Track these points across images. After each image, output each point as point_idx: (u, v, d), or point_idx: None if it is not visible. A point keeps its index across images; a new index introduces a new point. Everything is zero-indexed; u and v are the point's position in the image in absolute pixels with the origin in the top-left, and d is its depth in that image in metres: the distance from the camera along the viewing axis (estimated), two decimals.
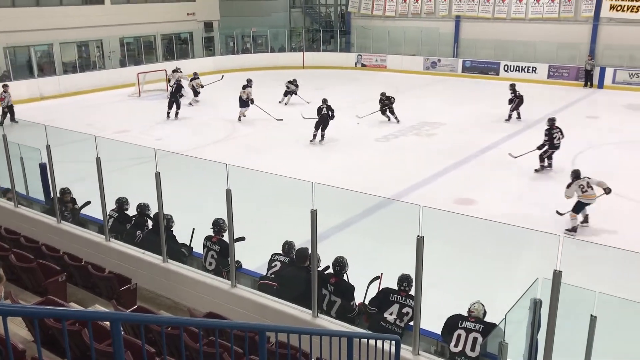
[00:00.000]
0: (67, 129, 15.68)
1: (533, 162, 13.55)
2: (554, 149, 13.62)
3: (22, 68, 24.70)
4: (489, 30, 28.74)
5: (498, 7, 28.74)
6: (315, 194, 5.41)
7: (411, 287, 6.06)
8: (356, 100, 22.61)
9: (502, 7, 28.64)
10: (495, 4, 28.79)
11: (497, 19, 28.82)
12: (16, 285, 5.46)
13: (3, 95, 19.00)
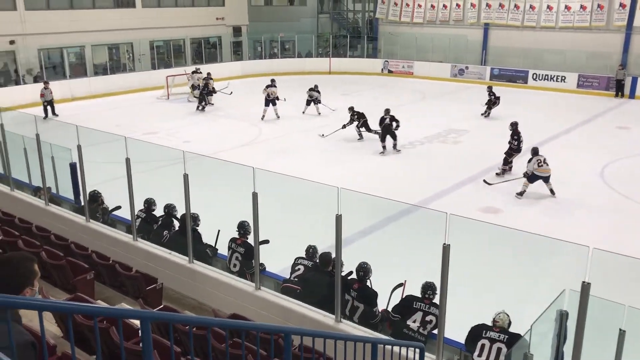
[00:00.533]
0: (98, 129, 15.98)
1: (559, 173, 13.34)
2: (518, 152, 13.97)
3: (54, 69, 25.26)
4: (518, 38, 28.49)
5: (528, 15, 28.46)
6: (340, 199, 5.42)
7: (435, 295, 6.03)
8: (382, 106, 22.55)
9: (532, 16, 28.36)
10: (525, 12, 28.52)
11: (526, 27, 28.54)
12: (46, 282, 5.58)
13: (44, 91, 20.10)
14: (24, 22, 23.51)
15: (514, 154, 14.00)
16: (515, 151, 13.97)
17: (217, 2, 31.34)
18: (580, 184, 13.26)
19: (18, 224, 7.07)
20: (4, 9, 23.15)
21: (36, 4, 24.09)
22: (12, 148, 10.02)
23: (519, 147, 13.96)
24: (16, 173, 9.98)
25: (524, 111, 20.03)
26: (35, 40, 23.79)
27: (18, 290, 2.48)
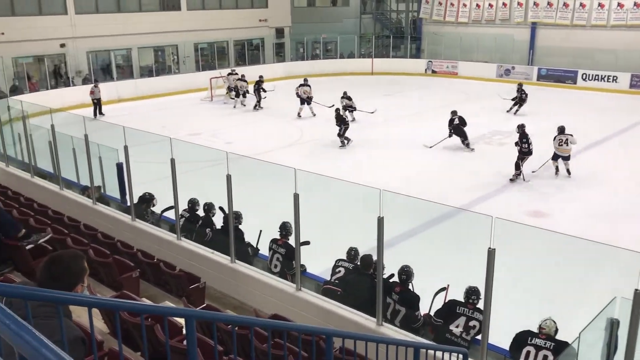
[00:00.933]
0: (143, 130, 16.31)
1: (611, 176, 12.93)
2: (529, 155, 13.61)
3: (102, 71, 25.96)
4: (567, 38, 27.76)
5: (577, 13, 27.71)
6: (382, 201, 5.37)
7: (479, 300, 5.91)
8: (426, 106, 22.36)
9: (582, 14, 27.59)
10: (574, 10, 27.77)
11: (576, 26, 27.79)
12: (94, 279, 5.71)
13: (93, 89, 21.01)
14: (74, 25, 24.23)
15: (525, 157, 13.59)
16: (527, 154, 13.57)
17: (261, 3, 31.62)
18: (633, 188, 12.80)
19: (67, 222, 7.26)
20: (56, 14, 23.93)
21: (86, 8, 24.80)
22: (61, 148, 10.32)
23: (529, 150, 13.56)
24: (65, 172, 10.28)
25: (574, 112, 19.49)
26: (85, 43, 24.50)
27: (70, 287, 2.54)
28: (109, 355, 3.29)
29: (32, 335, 1.22)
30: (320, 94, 22.26)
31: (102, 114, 21.11)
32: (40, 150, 11.34)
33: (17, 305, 2.23)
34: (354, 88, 26.95)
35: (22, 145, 11.64)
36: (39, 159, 11.52)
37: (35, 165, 11.07)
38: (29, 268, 5.00)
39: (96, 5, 25.25)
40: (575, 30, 27.76)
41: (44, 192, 9.82)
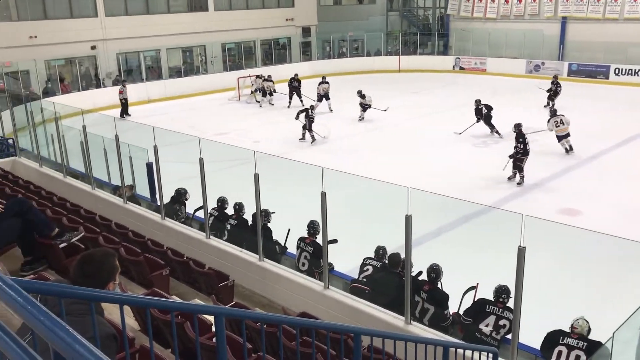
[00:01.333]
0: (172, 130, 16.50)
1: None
2: (526, 155, 13.12)
3: (132, 72, 26.35)
4: (598, 32, 27.17)
5: (610, 6, 27.11)
6: (410, 199, 5.34)
7: (509, 298, 5.84)
8: (454, 103, 22.14)
9: (614, 7, 26.99)
10: (606, 3, 27.18)
11: (608, 20, 27.20)
12: (125, 277, 5.80)
13: (122, 89, 21.39)
14: (104, 28, 24.64)
15: (524, 158, 13.13)
16: (523, 154, 13.10)
17: (287, 3, 31.70)
18: None
19: (99, 221, 7.38)
20: (86, 16, 24.37)
21: (115, 10, 25.20)
22: (93, 148, 10.51)
23: (525, 149, 13.09)
24: (96, 172, 10.46)
25: (607, 107, 19.09)
26: (115, 45, 24.90)
27: (102, 284, 2.59)
28: (140, 352, 3.34)
29: (66, 332, 1.25)
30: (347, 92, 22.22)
31: (128, 114, 21.37)
32: (72, 151, 11.56)
33: (51, 303, 2.28)
34: (381, 86, 26.92)
35: (55, 146, 11.88)
36: (71, 159, 11.75)
37: (68, 166, 11.29)
38: (62, 266, 5.10)
39: (125, 8, 25.63)
40: (607, 24, 27.17)
41: (76, 192, 10.01)
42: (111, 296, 2.15)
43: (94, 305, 2.14)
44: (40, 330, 1.29)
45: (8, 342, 1.33)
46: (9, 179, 9.41)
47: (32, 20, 22.88)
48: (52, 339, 1.26)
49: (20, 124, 12.97)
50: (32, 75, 22.66)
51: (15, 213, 5.10)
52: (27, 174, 11.19)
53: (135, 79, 25.68)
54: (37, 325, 1.29)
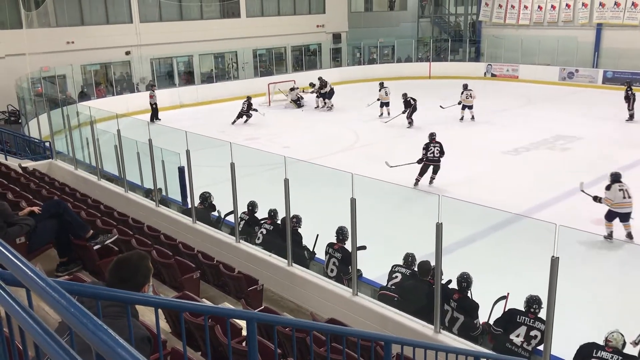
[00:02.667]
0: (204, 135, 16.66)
1: None
2: (429, 163, 13.31)
3: (165, 78, 26.76)
4: (635, 39, 26.59)
5: None
6: (440, 207, 5.30)
7: (540, 309, 5.75)
8: (485, 110, 21.92)
9: None
10: None
11: None
12: (156, 279, 5.88)
13: (152, 94, 21.83)
14: (138, 34, 25.09)
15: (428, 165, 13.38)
16: (432, 162, 13.32)
17: (318, 9, 31.83)
18: None
19: (132, 223, 7.50)
20: (122, 22, 24.87)
21: (150, 16, 25.65)
22: (126, 152, 10.70)
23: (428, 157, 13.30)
24: (130, 175, 10.64)
25: None
26: (149, 50, 25.33)
27: (138, 287, 2.64)
28: (172, 355, 3.38)
29: (108, 335, 1.28)
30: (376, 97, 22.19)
31: (158, 119, 21.63)
32: (107, 154, 11.79)
33: (88, 304, 2.33)
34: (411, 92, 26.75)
35: (89, 149, 12.13)
36: (105, 163, 11.98)
37: (102, 169, 11.51)
38: (96, 267, 5.20)
39: (160, 14, 26.06)
40: None
41: (110, 195, 10.20)
42: (147, 299, 2.18)
43: (129, 307, 2.18)
44: (82, 332, 1.32)
45: (49, 342, 1.37)
46: (45, 181, 9.64)
47: (70, 26, 23.44)
48: (94, 341, 1.29)
49: (57, 127, 13.29)
50: (68, 79, 23.20)
51: (52, 214, 5.23)
52: (62, 176, 11.45)
53: (168, 84, 26.07)
54: (79, 327, 1.33)
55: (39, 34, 22.16)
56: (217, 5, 28.25)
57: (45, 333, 1.41)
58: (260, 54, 29.18)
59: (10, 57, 21.16)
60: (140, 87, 25.20)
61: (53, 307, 1.39)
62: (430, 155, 13.33)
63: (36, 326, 1.42)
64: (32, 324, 1.43)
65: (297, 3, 31.05)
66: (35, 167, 11.57)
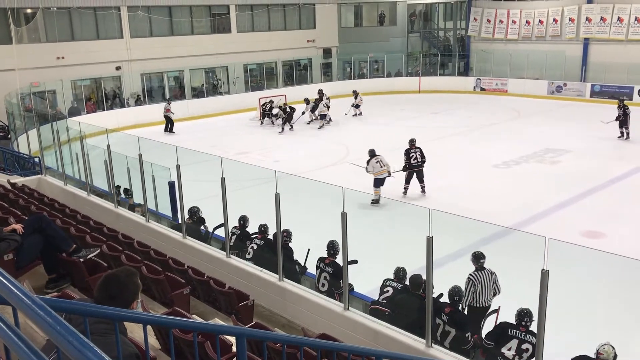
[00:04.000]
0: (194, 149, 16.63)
1: None
2: (412, 169, 13.61)
3: (155, 92, 26.77)
4: (621, 53, 26.95)
5: (633, 27, 26.92)
6: (431, 220, 5.31)
7: (532, 322, 5.76)
8: (475, 124, 22.08)
9: (638, 28, 26.79)
10: (629, 24, 26.99)
11: (631, 41, 26.98)
12: (146, 295, 5.83)
13: (168, 107, 22.60)
14: (129, 49, 25.13)
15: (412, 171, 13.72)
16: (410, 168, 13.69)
17: (309, 25, 32.04)
18: None
19: (121, 239, 7.45)
20: (112, 38, 24.90)
21: (140, 32, 25.69)
22: (116, 167, 10.66)
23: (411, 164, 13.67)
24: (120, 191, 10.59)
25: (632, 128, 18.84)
26: (139, 65, 25.36)
27: (127, 304, 2.62)
28: None
29: (93, 353, 1.27)
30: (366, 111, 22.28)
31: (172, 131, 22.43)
32: (96, 169, 11.73)
33: (75, 321, 2.31)
34: (401, 106, 26.95)
35: (79, 164, 12.08)
36: (95, 178, 11.92)
37: (92, 184, 11.45)
38: (86, 283, 5.15)
39: (150, 30, 26.12)
40: (631, 45, 26.95)
41: (99, 210, 10.14)
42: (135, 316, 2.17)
43: (117, 324, 2.16)
44: (68, 350, 1.31)
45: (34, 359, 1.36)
46: (34, 197, 9.57)
47: (60, 41, 23.44)
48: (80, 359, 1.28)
49: (46, 142, 13.23)
50: (58, 94, 23.15)
51: (35, 229, 5.18)
52: (52, 191, 11.36)
53: (157, 99, 26.07)
54: (65, 345, 1.31)
55: (28, 50, 22.16)
56: (208, 20, 28.35)
57: (31, 352, 1.39)
58: (251, 69, 29.28)
59: (0, 72, 21.09)
60: (130, 102, 25.18)
61: (39, 325, 1.38)
62: (413, 162, 13.57)
63: (22, 344, 1.41)
64: (18, 342, 1.42)
65: (288, 18, 31.25)
66: (24, 182, 11.48)
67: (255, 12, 29.55)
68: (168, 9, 26.53)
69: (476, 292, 7.10)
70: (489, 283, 7.14)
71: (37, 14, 22.83)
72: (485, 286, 7.12)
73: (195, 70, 27.69)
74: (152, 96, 26.32)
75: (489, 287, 7.14)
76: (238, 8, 28.48)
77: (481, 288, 7.11)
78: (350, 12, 35.46)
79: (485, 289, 7.12)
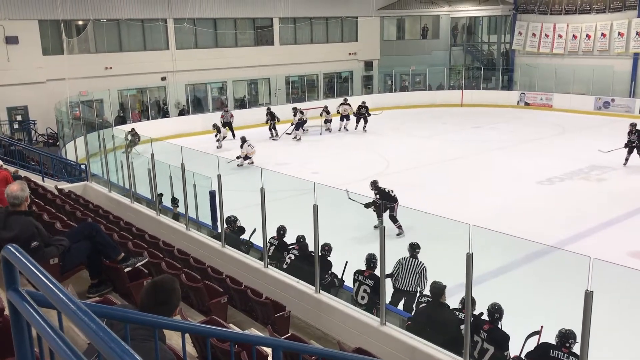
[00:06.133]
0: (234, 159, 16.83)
1: None
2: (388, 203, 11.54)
3: (198, 103, 27.27)
4: None
5: None
6: (472, 237, 5.23)
7: (575, 344, 5.58)
8: (518, 139, 21.70)
9: None
10: None
11: None
12: (184, 303, 5.91)
13: (224, 114, 23.34)
14: (174, 60, 25.71)
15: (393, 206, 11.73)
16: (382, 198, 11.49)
17: (351, 38, 32.18)
18: None
19: (162, 246, 7.58)
20: (159, 49, 25.54)
21: (185, 44, 26.30)
22: (159, 175, 10.88)
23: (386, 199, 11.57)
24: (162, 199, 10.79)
25: None
26: (184, 76, 25.92)
27: (174, 309, 2.67)
28: None
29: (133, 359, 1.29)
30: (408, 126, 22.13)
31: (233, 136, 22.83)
32: (140, 177, 12.00)
33: (117, 327, 2.36)
34: (443, 119, 26.74)
35: (124, 172, 12.37)
36: (138, 186, 12.19)
37: (135, 192, 11.71)
38: (127, 289, 5.25)
39: (195, 41, 26.68)
40: None
41: (142, 217, 10.35)
42: (175, 324, 2.20)
43: (157, 331, 2.20)
44: (110, 356, 1.34)
45: None
46: (80, 203, 9.84)
47: (108, 52, 24.18)
48: None
49: (93, 150, 13.61)
50: (105, 104, 23.84)
51: (85, 236, 5.31)
52: (97, 198, 11.67)
53: (201, 109, 26.56)
54: (107, 351, 1.34)
55: (78, 60, 22.92)
56: (252, 33, 28.80)
57: (74, 355, 1.43)
58: (293, 81, 29.53)
59: (51, 81, 21.88)
60: (172, 112, 25.71)
61: (82, 330, 1.41)
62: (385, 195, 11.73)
63: (65, 348, 1.44)
64: (62, 345, 1.46)
65: (330, 31, 31.46)
66: (70, 189, 11.83)
67: (298, 25, 29.87)
68: (213, 22, 27.07)
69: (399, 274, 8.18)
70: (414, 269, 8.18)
71: (87, 26, 23.62)
72: (410, 272, 8.18)
73: (238, 82, 28.11)
74: (197, 106, 26.81)
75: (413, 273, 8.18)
76: (281, 21, 28.83)
77: (405, 273, 8.18)
78: (392, 25, 35.44)
79: (409, 274, 8.18)
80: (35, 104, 22.01)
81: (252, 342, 2.61)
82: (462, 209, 13.08)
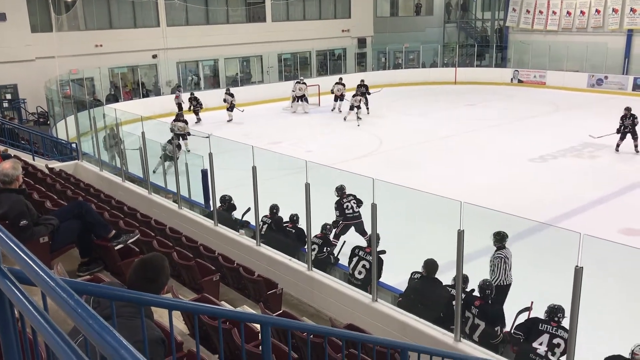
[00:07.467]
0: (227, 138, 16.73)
1: None
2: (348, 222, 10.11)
3: (190, 81, 27.06)
4: None
5: None
6: (463, 214, 5.24)
7: (563, 318, 5.64)
8: (512, 117, 21.69)
9: None
10: None
11: None
12: (176, 281, 5.91)
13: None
14: (165, 37, 25.41)
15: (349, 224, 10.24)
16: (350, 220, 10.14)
17: (344, 14, 31.86)
18: None
19: (154, 225, 7.56)
20: (149, 26, 25.23)
21: (177, 21, 25.99)
22: (150, 154, 10.81)
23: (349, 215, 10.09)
24: (153, 177, 10.74)
25: None
26: (175, 54, 25.65)
27: (163, 287, 2.67)
28: (188, 357, 3.38)
29: (112, 336, 1.28)
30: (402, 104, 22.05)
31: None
32: (131, 156, 11.92)
33: (104, 305, 2.34)
34: (436, 97, 26.67)
35: (115, 151, 12.29)
36: (130, 164, 12.12)
37: (127, 170, 11.65)
38: (118, 268, 5.24)
39: (186, 18, 26.37)
40: None
41: (133, 196, 10.31)
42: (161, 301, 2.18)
43: (143, 308, 2.18)
44: (88, 333, 1.32)
45: (59, 342, 1.37)
46: (71, 182, 9.78)
47: (98, 29, 23.86)
48: (99, 342, 1.29)
49: (84, 129, 13.50)
50: (96, 82, 23.60)
51: (75, 215, 5.28)
52: (88, 177, 11.61)
53: (193, 87, 26.35)
54: (85, 327, 1.33)
55: (68, 37, 22.59)
56: (243, 9, 28.47)
57: (56, 333, 1.41)
58: (285, 58, 29.29)
59: (41, 59, 21.59)
60: (164, 90, 25.51)
61: (61, 307, 1.39)
62: (348, 213, 10.04)
63: (47, 326, 1.42)
64: (44, 323, 1.44)
65: (323, 8, 31.13)
66: (61, 167, 11.76)
67: (290, 2, 29.53)
68: None
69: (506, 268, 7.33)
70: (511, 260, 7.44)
71: (76, 2, 23.26)
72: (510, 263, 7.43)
73: (230, 60, 27.86)
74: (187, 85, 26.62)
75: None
76: None
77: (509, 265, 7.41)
78: (386, 2, 35.12)
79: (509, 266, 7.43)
80: (25, 83, 21.74)
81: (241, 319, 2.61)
82: (454, 186, 13.08)
